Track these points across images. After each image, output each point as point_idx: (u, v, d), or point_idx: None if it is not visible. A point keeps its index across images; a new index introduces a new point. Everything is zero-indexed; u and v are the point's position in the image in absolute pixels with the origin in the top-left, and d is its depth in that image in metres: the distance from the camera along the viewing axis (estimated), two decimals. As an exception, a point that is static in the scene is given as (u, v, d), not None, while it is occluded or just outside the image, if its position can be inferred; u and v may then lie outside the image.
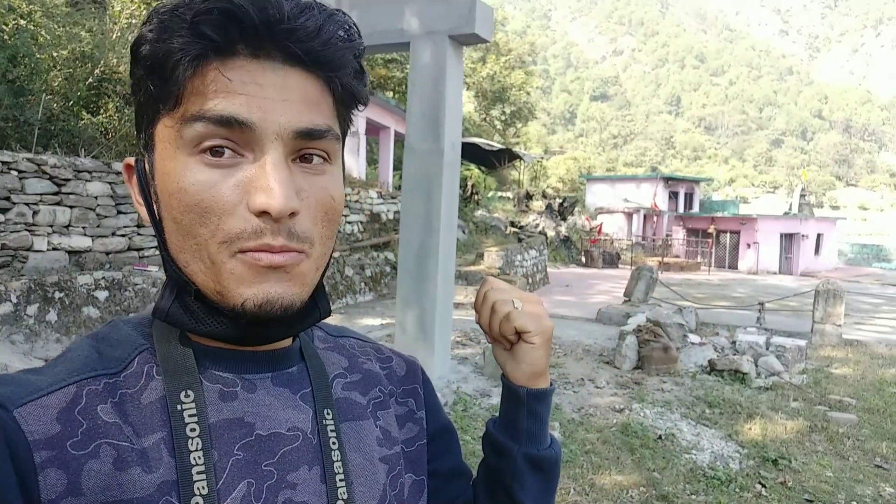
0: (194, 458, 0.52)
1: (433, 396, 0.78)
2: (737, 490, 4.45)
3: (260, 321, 0.55)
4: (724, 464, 4.88)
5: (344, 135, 0.60)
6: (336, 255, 11.13)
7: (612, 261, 24.64)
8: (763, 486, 4.54)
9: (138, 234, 7.35)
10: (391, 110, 17.33)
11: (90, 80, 9.36)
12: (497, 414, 0.76)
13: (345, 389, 0.67)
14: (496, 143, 26.44)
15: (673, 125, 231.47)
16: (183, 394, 0.54)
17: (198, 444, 0.52)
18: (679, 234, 31.67)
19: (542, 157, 41.66)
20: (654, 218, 31.73)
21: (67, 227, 6.62)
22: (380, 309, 10.99)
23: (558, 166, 50.98)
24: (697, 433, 5.46)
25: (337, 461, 0.59)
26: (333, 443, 0.60)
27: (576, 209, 28.62)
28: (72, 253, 6.69)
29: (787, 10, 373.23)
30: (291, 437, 0.58)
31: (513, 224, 21.32)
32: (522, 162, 29.74)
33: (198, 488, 0.51)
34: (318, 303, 0.62)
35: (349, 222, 12.57)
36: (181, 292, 0.57)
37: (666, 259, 26.69)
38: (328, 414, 0.61)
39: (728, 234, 29.91)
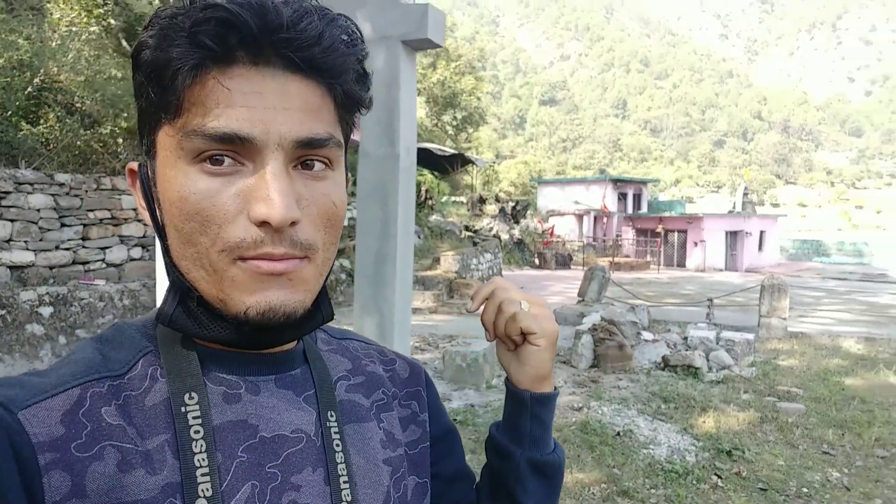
0: (199, 460, 0.52)
1: (436, 399, 0.78)
2: (694, 482, 4.56)
3: (263, 328, 0.54)
4: (681, 457, 5.00)
5: (346, 139, 0.59)
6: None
7: (564, 262, 24.98)
8: (719, 477, 4.67)
9: (83, 247, 7.11)
10: (342, 116, 17.13)
11: (29, 89, 9.04)
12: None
13: (348, 391, 0.67)
14: (448, 149, 26.51)
15: (620, 128, 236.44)
16: (187, 396, 0.54)
17: (202, 446, 0.52)
18: (629, 235, 32.32)
19: (494, 162, 42.04)
20: (604, 219, 32.33)
21: (8, 241, 6.38)
22: (336, 317, 10.89)
23: (510, 170, 51.30)
24: (654, 428, 5.58)
25: (341, 463, 0.59)
26: (337, 445, 0.60)
27: (528, 212, 28.92)
28: (13, 268, 6.44)
29: (726, 14, 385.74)
30: (295, 439, 0.58)
31: (467, 228, 21.40)
32: (475, 167, 29.92)
33: (202, 490, 0.51)
34: (320, 307, 0.62)
35: (303, 230, 12.37)
36: (184, 298, 0.57)
37: (616, 259, 27.19)
38: (332, 416, 0.62)
39: (676, 234, 30.68)
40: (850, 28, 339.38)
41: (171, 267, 0.56)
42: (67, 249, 6.95)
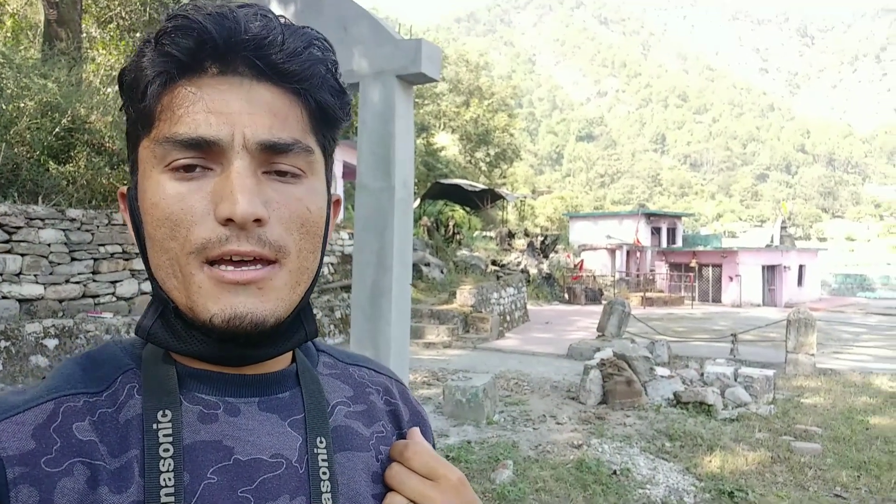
0: (164, 480, 0.50)
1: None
2: (688, 525, 4.34)
3: (230, 337, 0.53)
4: (679, 498, 4.76)
5: (326, 151, 0.60)
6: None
7: (594, 297, 24.56)
8: (716, 519, 4.43)
9: (93, 280, 7.27)
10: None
11: (57, 129, 9.40)
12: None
13: (347, 417, 0.64)
14: (479, 184, 26.63)
15: (659, 163, 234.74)
16: (160, 413, 0.53)
17: (170, 465, 0.51)
18: (662, 269, 31.73)
19: (526, 197, 42.02)
20: (637, 253, 31.84)
21: (18, 275, 6.55)
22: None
23: (546, 206, 51.32)
24: (654, 467, 5.34)
25: (326, 492, 0.56)
26: (324, 473, 0.57)
27: (558, 246, 28.68)
28: (23, 301, 6.60)
29: (765, 48, 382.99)
30: (273, 465, 0.55)
31: (494, 262, 21.31)
32: (506, 201, 29.93)
33: None
34: (303, 323, 0.60)
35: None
36: (164, 310, 0.57)
37: (649, 294, 26.65)
38: (321, 442, 0.59)
39: (710, 268, 30.00)
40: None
41: (151, 279, 0.56)
42: (77, 283, 7.10)
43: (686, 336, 14.79)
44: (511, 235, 26.24)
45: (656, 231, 34.30)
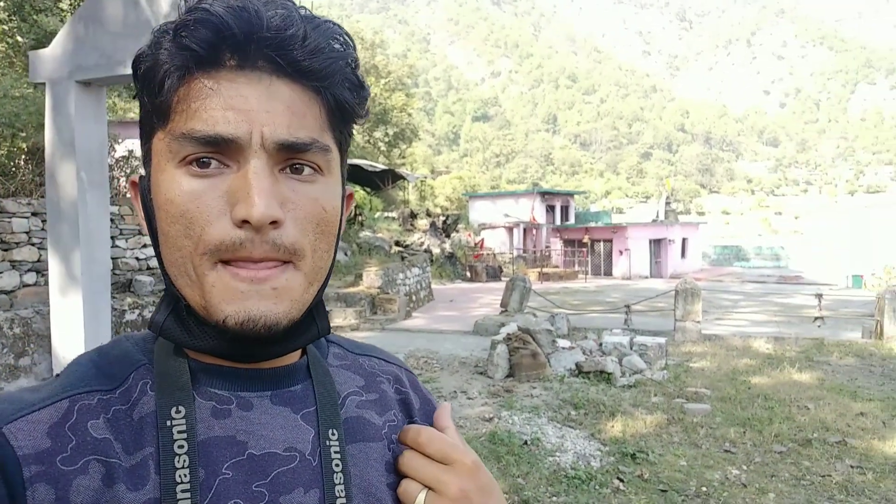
0: (180, 476, 0.50)
1: None
2: (596, 487, 4.58)
3: (244, 338, 0.53)
4: (586, 463, 5.02)
5: (342, 147, 0.59)
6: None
7: (495, 274, 25.18)
8: (621, 480, 4.70)
9: (-33, 273, 6.68)
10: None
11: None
12: None
13: (359, 407, 0.64)
14: (379, 165, 26.44)
15: (551, 142, 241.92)
16: (174, 409, 0.53)
17: (185, 461, 0.51)
18: (557, 245, 32.92)
19: (426, 177, 42.18)
20: (534, 231, 32.84)
21: None
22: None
23: (445, 186, 51.70)
24: (562, 435, 5.59)
25: (339, 484, 0.56)
26: (337, 465, 0.57)
27: (459, 226, 29.06)
28: None
29: (648, 31, 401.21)
30: (287, 458, 0.56)
31: (398, 243, 21.32)
32: (408, 182, 29.92)
33: None
34: (316, 319, 0.60)
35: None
36: (176, 306, 0.57)
37: (545, 269, 27.62)
38: (333, 434, 0.59)
39: (602, 243, 31.42)
40: (764, 44, 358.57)
41: (164, 275, 0.56)
42: (-52, 276, 6.50)
43: (583, 308, 15.46)
44: (413, 216, 26.32)
45: (551, 209, 35.47)
